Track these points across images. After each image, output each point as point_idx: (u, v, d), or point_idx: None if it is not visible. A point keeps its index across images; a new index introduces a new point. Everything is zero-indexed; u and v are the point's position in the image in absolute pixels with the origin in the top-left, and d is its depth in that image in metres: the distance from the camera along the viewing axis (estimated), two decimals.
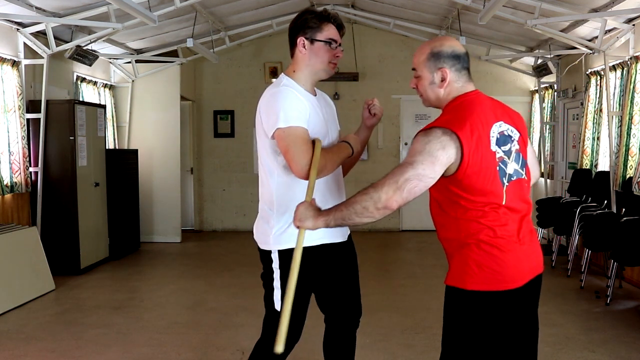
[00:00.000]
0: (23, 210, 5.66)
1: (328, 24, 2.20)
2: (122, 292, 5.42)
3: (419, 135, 1.85)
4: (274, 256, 2.18)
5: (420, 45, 2.06)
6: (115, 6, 5.14)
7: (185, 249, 7.62)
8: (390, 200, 1.75)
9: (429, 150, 1.79)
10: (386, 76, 8.71)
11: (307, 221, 1.90)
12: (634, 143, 5.30)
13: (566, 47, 6.73)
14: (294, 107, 2.08)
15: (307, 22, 2.18)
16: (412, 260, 6.85)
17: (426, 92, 2.02)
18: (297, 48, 2.21)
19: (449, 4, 6.57)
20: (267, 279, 2.23)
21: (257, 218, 2.29)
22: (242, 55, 8.82)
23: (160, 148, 7.84)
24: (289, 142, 2.04)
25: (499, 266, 1.84)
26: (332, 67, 2.23)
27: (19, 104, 5.47)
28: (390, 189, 1.75)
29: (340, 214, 1.83)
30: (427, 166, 1.77)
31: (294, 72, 2.23)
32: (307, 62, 2.20)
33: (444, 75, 1.95)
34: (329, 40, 2.19)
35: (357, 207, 1.78)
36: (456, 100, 1.95)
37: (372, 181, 1.82)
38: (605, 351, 3.70)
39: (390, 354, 3.66)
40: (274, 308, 2.19)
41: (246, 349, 3.70)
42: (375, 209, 1.76)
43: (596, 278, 5.57)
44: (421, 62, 2.00)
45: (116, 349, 3.78)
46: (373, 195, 1.76)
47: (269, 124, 2.09)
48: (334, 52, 2.21)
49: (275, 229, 2.17)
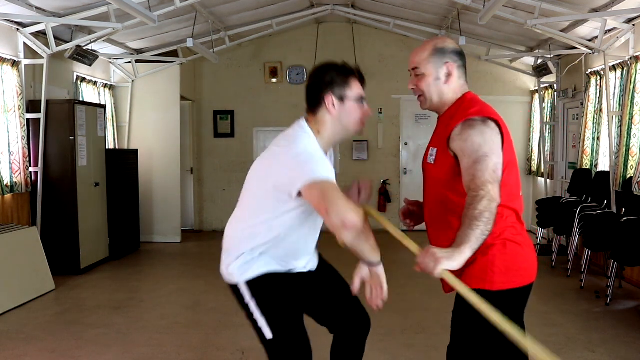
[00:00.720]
0: (23, 210, 5.66)
1: (354, 79, 2.06)
2: (122, 292, 5.42)
3: (468, 130, 1.82)
4: (243, 289, 2.10)
5: (419, 46, 2.02)
6: (115, 6, 5.14)
7: (185, 249, 7.62)
8: (497, 194, 1.74)
9: (487, 140, 1.80)
10: (386, 76, 8.71)
11: (451, 262, 1.67)
12: (634, 143, 5.30)
13: (566, 47, 6.73)
14: (325, 165, 1.97)
15: (334, 79, 2.03)
16: (412, 261, 6.83)
17: (429, 90, 1.98)
18: (324, 107, 2.04)
19: (449, 4, 6.57)
20: (246, 313, 2.15)
21: (223, 251, 2.20)
22: (242, 55, 8.82)
23: (160, 148, 7.84)
24: (326, 189, 1.85)
25: (524, 262, 1.90)
26: (361, 127, 2.10)
27: (19, 104, 5.47)
28: (490, 184, 1.73)
29: (479, 230, 1.69)
30: (497, 155, 1.80)
31: (318, 132, 2.06)
32: (336, 122, 2.05)
33: (450, 69, 1.95)
34: (360, 97, 2.06)
35: (487, 215, 1.70)
36: (467, 95, 1.97)
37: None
38: (605, 351, 3.70)
39: (390, 354, 3.66)
40: (267, 339, 2.11)
41: (246, 349, 3.71)
42: (495, 207, 1.73)
43: (596, 278, 5.57)
44: (424, 59, 1.97)
45: (116, 349, 3.78)
46: (487, 197, 1.71)
47: (293, 178, 1.91)
48: (365, 110, 2.08)
49: (239, 263, 2.11)
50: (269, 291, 2.11)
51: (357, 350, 2.36)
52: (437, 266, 1.65)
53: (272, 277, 2.11)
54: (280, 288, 2.13)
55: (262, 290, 2.10)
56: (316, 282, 2.28)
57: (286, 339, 2.11)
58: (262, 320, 2.08)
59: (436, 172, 1.98)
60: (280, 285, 2.13)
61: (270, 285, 2.11)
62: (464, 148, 1.82)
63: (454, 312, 2.03)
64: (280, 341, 2.10)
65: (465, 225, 1.71)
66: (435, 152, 1.96)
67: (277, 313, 2.11)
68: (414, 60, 2.00)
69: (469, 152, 1.81)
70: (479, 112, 1.86)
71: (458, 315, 1.99)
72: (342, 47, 8.45)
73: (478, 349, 1.92)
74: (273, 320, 2.09)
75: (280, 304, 2.12)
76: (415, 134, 8.81)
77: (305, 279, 2.23)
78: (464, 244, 1.68)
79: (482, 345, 1.91)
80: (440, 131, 1.98)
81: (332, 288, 2.33)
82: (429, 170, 2.04)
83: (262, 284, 2.09)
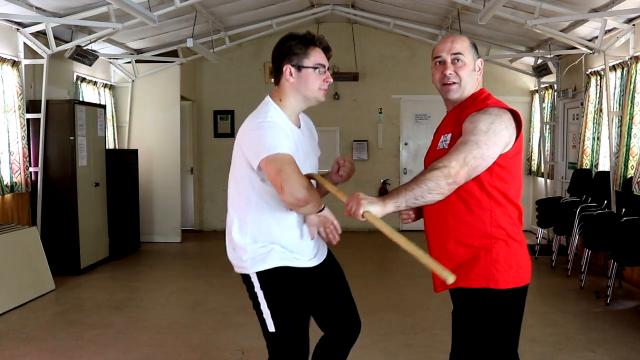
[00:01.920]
0: (23, 210, 5.66)
1: (314, 48, 2.09)
2: (122, 292, 5.42)
3: (480, 114, 1.84)
4: (254, 280, 2.12)
5: (455, 36, 2.05)
6: (115, 6, 5.14)
7: (185, 249, 7.62)
8: (458, 174, 1.72)
9: (494, 130, 1.80)
10: (386, 76, 8.71)
11: (372, 206, 1.68)
12: (634, 143, 5.30)
13: (566, 47, 6.73)
14: (282, 137, 1.99)
15: (291, 49, 2.07)
16: (412, 261, 6.76)
17: (466, 80, 2.00)
18: (283, 76, 2.10)
19: (449, 4, 6.57)
20: (254, 303, 2.17)
21: (228, 242, 2.20)
22: (242, 55, 8.82)
23: (160, 148, 7.84)
24: (282, 164, 1.91)
25: (523, 262, 1.91)
26: (322, 94, 2.13)
27: (19, 104, 5.47)
28: (458, 164, 1.72)
29: (412, 193, 1.69)
30: (491, 147, 1.78)
31: (280, 100, 2.12)
32: (295, 91, 2.10)
33: (481, 65, 2.03)
34: (317, 65, 2.08)
35: (429, 184, 1.69)
36: (485, 90, 2.02)
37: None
38: (605, 351, 3.70)
39: (390, 354, 3.66)
40: (269, 332, 2.14)
41: (246, 349, 3.71)
42: (447, 184, 1.71)
43: (596, 278, 5.57)
44: (466, 47, 2.00)
45: (116, 349, 3.78)
46: (443, 171, 1.71)
47: (256, 153, 1.97)
48: (324, 77, 2.11)
49: (250, 254, 2.11)
50: (279, 286, 2.12)
51: (342, 353, 2.35)
52: (360, 208, 1.68)
53: (284, 272, 2.11)
54: (290, 285, 2.14)
55: (272, 285, 2.12)
56: (323, 280, 2.28)
57: (287, 335, 2.13)
58: (268, 312, 2.12)
59: None
60: (290, 282, 2.13)
61: (281, 280, 2.12)
62: (467, 128, 1.83)
63: (454, 314, 2.03)
64: (281, 336, 2.13)
65: (409, 182, 1.74)
66: (450, 138, 1.95)
67: (283, 309, 2.13)
68: (455, 46, 1.99)
69: (466, 132, 1.81)
70: (496, 103, 1.89)
71: (458, 318, 2.00)
72: (342, 47, 8.45)
73: (480, 353, 1.92)
74: (278, 315, 2.11)
75: (288, 300, 2.14)
76: (415, 134, 8.80)
77: (314, 275, 2.22)
78: (393, 199, 1.70)
79: (484, 348, 1.91)
80: (454, 119, 1.98)
81: (336, 288, 2.34)
82: (439, 155, 2.00)
83: (273, 277, 2.11)
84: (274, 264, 2.10)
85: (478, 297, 1.88)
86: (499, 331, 1.90)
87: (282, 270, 2.11)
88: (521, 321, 1.97)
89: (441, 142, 1.99)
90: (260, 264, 2.10)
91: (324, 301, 2.30)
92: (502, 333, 1.91)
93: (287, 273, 2.12)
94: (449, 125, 2.01)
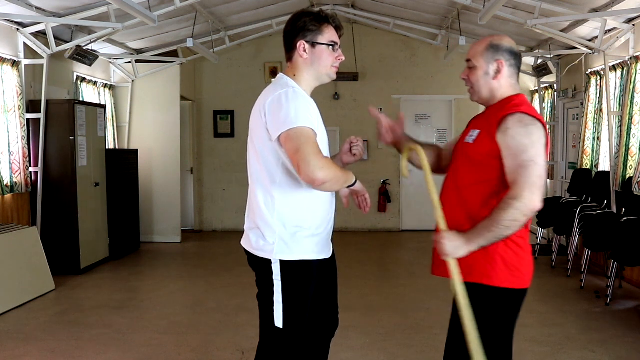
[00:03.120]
0: (23, 210, 5.66)
1: (328, 26, 2.12)
2: (122, 292, 5.42)
3: (516, 125, 1.86)
4: (275, 267, 2.03)
5: (479, 40, 2.07)
6: (115, 6, 5.14)
7: (185, 249, 7.62)
8: (535, 203, 1.81)
9: (535, 142, 1.84)
10: (386, 76, 8.71)
11: (459, 250, 1.85)
12: (634, 143, 5.30)
13: (566, 47, 6.73)
14: (305, 108, 1.98)
15: (306, 25, 2.09)
16: (412, 260, 6.85)
17: (478, 84, 2.02)
18: (296, 52, 2.11)
19: (449, 4, 6.57)
20: (265, 292, 2.07)
21: (249, 228, 2.13)
22: (242, 55, 8.82)
23: (160, 148, 7.84)
24: (300, 143, 1.89)
25: (523, 266, 1.93)
26: (334, 71, 2.16)
27: (19, 104, 5.47)
28: (532, 194, 1.80)
29: (492, 234, 1.82)
30: (543, 158, 1.85)
31: (294, 76, 2.13)
32: (309, 67, 2.11)
33: (500, 67, 1.99)
34: (331, 42, 2.12)
35: (506, 222, 1.80)
36: (518, 97, 2.00)
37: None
38: (605, 351, 3.69)
39: (390, 354, 3.66)
40: (274, 325, 2.05)
41: (246, 349, 3.71)
42: (524, 217, 1.81)
43: (596, 278, 5.57)
44: (478, 52, 2.01)
45: (116, 349, 3.78)
46: (518, 206, 1.79)
47: (276, 125, 1.94)
48: (337, 55, 2.14)
49: (278, 236, 2.03)
50: (301, 280, 2.06)
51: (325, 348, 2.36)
52: (444, 253, 1.85)
53: (309, 267, 2.06)
54: (311, 280, 2.08)
55: (295, 277, 2.05)
56: (329, 273, 2.27)
57: (294, 333, 2.07)
58: (280, 306, 2.04)
59: (472, 152, 1.98)
60: (311, 277, 2.08)
61: (305, 274, 2.07)
62: (510, 146, 1.86)
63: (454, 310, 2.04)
64: (287, 334, 2.06)
65: (485, 221, 1.83)
66: (477, 134, 1.97)
67: (298, 305, 2.06)
68: (469, 52, 2.05)
69: (514, 151, 1.85)
70: (529, 110, 1.91)
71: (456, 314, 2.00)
72: (342, 47, 8.26)
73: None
74: (290, 310, 2.05)
75: (304, 297, 2.08)
76: (415, 134, 8.65)
77: (325, 267, 2.21)
78: (475, 239, 1.84)
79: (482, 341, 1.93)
80: (487, 118, 1.99)
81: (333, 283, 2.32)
82: (464, 149, 2.04)
83: (297, 270, 2.05)
84: (302, 255, 2.05)
85: (472, 291, 1.89)
86: (490, 328, 1.90)
87: (307, 264, 2.06)
88: (514, 324, 1.97)
89: (469, 136, 2.03)
90: (287, 251, 2.04)
91: (321, 295, 2.26)
92: (493, 331, 1.92)
93: (311, 267, 2.07)
94: (479, 122, 2.04)
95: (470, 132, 2.04)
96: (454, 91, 8.53)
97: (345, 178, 2.04)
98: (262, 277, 2.10)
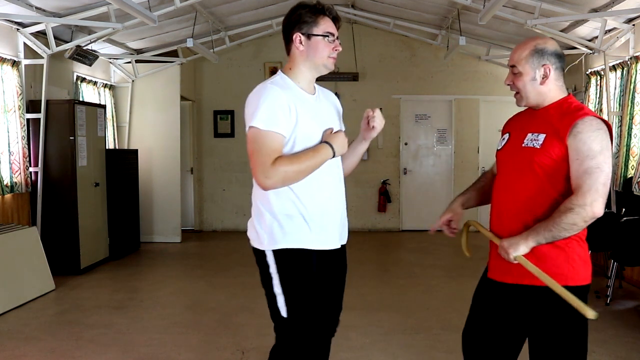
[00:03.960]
0: (23, 210, 5.66)
1: (324, 17, 2.11)
2: (122, 292, 5.42)
3: (589, 130, 1.85)
4: (270, 258, 2.05)
5: (521, 43, 2.03)
6: (115, 6, 5.14)
7: (185, 249, 7.62)
8: (597, 210, 1.85)
9: (604, 148, 1.85)
10: (386, 76, 8.71)
11: (519, 247, 1.89)
12: (635, 143, 5.30)
13: (566, 47, 6.73)
14: (275, 108, 1.98)
15: (301, 17, 2.09)
16: (412, 260, 6.85)
17: (525, 89, 1.99)
18: (293, 45, 2.12)
19: (449, 4, 6.57)
20: (266, 283, 2.09)
21: (249, 221, 2.17)
22: (242, 55, 8.82)
23: (160, 148, 7.84)
24: (258, 147, 1.97)
25: (589, 259, 2.02)
26: (331, 62, 2.15)
27: (19, 104, 5.47)
28: (595, 201, 1.83)
29: (550, 233, 1.86)
30: (609, 165, 1.86)
31: (290, 69, 2.15)
32: (305, 59, 2.12)
33: (547, 72, 1.97)
34: (327, 33, 2.11)
35: (565, 225, 1.85)
36: (572, 98, 1.99)
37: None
38: (605, 351, 3.70)
39: (390, 354, 3.66)
40: (281, 316, 2.06)
41: (246, 349, 3.71)
42: (584, 222, 1.87)
43: (596, 278, 5.56)
44: (523, 57, 1.98)
45: (116, 349, 3.78)
46: (580, 212, 1.84)
47: (246, 118, 2.04)
48: (333, 46, 2.13)
49: (269, 226, 2.05)
50: (297, 269, 2.05)
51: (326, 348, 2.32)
52: (510, 255, 1.89)
53: (304, 255, 2.04)
54: (309, 269, 2.05)
55: (290, 267, 2.05)
56: (337, 267, 2.23)
57: (300, 322, 2.06)
58: (282, 297, 2.05)
59: (542, 156, 1.92)
60: (309, 266, 2.05)
61: (300, 263, 2.04)
62: (580, 150, 1.85)
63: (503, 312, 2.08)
64: (294, 322, 2.06)
65: (546, 221, 1.88)
66: (544, 139, 1.92)
67: (299, 294, 2.05)
68: (513, 57, 2.01)
69: (583, 156, 1.84)
70: (596, 115, 1.91)
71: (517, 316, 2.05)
72: (342, 47, 8.36)
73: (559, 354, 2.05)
74: (292, 299, 2.04)
75: (305, 285, 2.05)
76: (415, 134, 8.80)
77: (333, 259, 2.18)
78: (534, 236, 1.88)
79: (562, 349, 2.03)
80: (549, 121, 1.95)
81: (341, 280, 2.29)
82: (526, 154, 1.97)
83: (291, 259, 2.04)
84: (294, 244, 2.04)
85: (552, 295, 1.87)
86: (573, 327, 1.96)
87: (303, 254, 2.04)
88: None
89: (530, 140, 1.97)
90: (278, 241, 2.04)
91: (326, 289, 2.21)
92: (575, 330, 1.98)
93: (309, 257, 2.05)
94: (539, 125, 1.97)
95: (529, 135, 1.98)
96: (454, 91, 8.54)
97: (314, 161, 2.02)
98: (261, 269, 2.11)
